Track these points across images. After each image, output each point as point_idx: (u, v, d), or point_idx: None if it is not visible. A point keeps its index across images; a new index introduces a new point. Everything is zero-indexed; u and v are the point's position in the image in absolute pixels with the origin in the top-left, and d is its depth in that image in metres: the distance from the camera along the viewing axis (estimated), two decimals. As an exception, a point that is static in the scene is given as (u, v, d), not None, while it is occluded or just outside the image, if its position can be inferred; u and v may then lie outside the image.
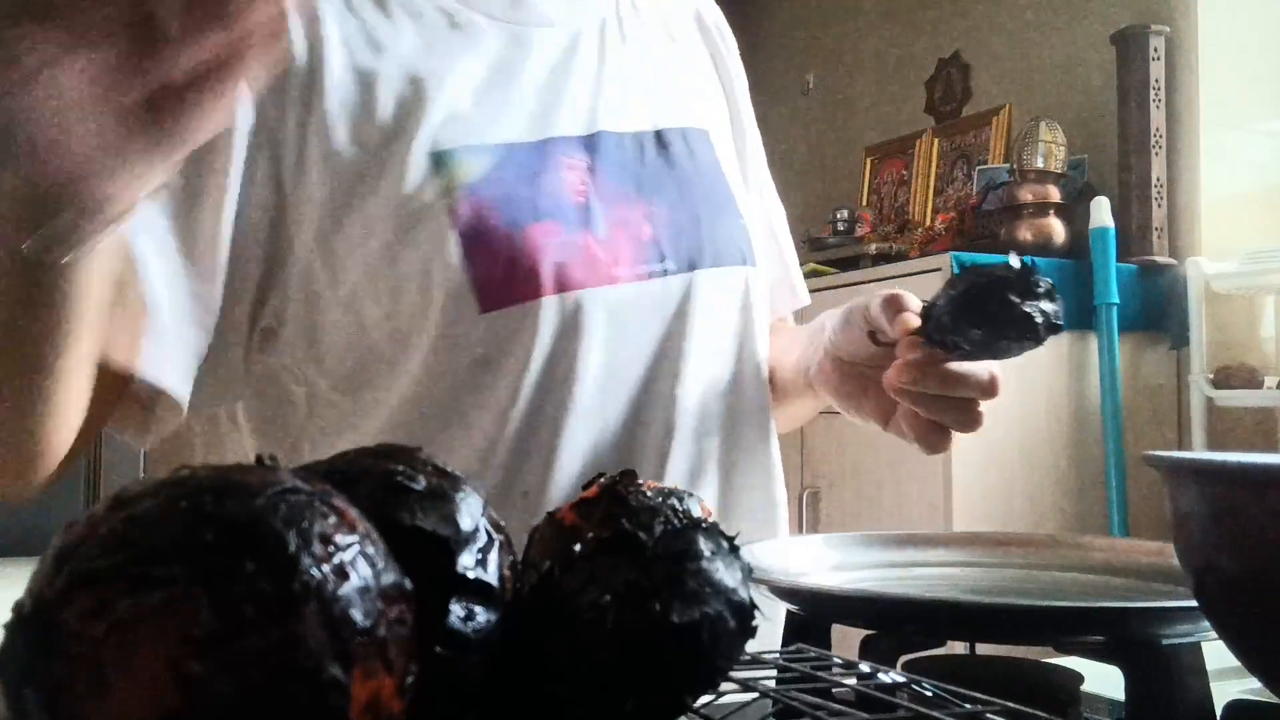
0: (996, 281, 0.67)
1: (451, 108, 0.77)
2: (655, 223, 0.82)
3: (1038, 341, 0.67)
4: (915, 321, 0.71)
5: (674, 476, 0.83)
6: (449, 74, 0.78)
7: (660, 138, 0.86)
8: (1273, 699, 0.47)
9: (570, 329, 0.78)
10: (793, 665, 0.48)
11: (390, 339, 0.76)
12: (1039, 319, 0.66)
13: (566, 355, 0.78)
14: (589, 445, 0.80)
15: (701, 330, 0.84)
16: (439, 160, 0.75)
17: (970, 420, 0.73)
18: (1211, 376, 2.46)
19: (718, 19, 1.00)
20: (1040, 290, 0.67)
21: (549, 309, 0.76)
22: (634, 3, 0.92)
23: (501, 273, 0.74)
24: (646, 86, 0.88)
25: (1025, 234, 2.66)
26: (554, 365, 0.77)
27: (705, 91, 0.95)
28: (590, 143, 0.82)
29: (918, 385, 0.72)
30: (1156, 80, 2.62)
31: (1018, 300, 0.66)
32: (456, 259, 0.74)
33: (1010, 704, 0.41)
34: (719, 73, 0.98)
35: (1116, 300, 2.47)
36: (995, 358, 0.71)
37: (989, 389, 0.72)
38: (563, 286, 0.77)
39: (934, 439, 0.74)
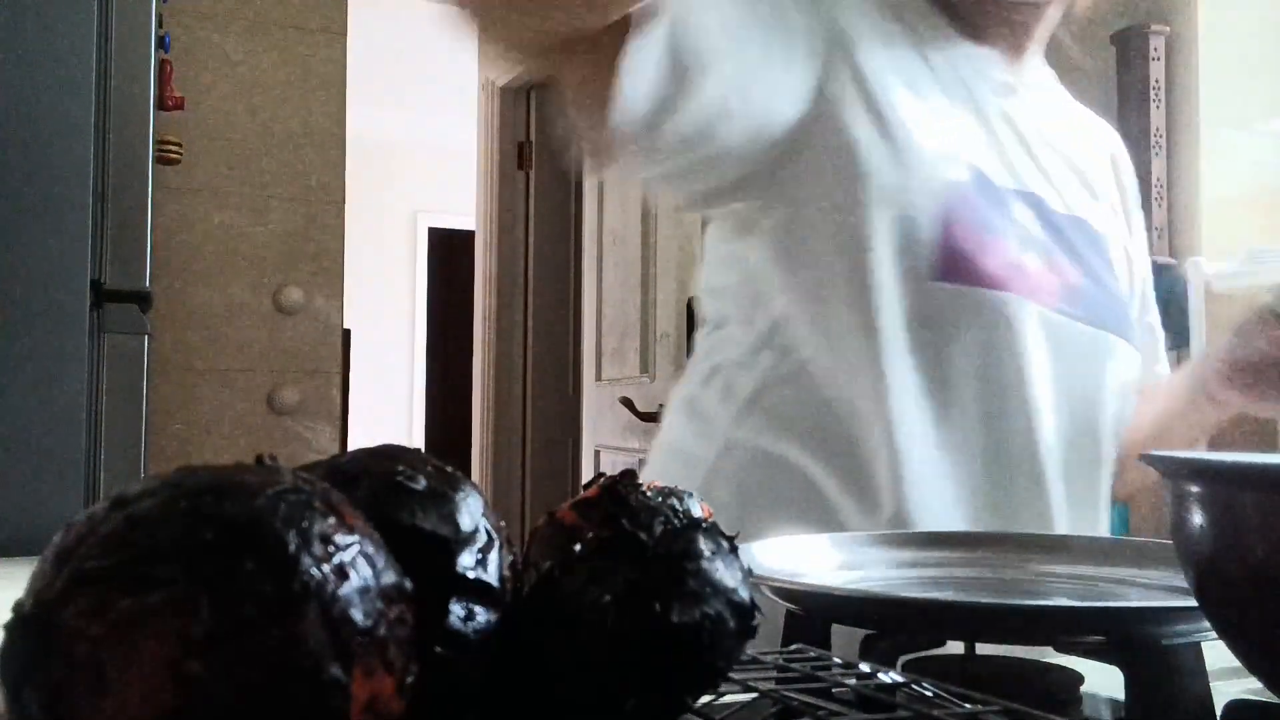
0: None
1: (947, 144, 0.92)
2: (1077, 279, 0.95)
3: None
4: None
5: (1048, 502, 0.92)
6: (951, 118, 0.96)
7: (1079, 223, 1.00)
8: (1273, 699, 0.47)
9: (1012, 329, 0.88)
10: (793, 665, 0.48)
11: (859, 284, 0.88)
12: None
13: (972, 345, 0.89)
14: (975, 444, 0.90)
15: (1077, 379, 0.94)
16: (944, 158, 0.91)
17: None
18: (1211, 376, 2.45)
19: (1123, 165, 1.18)
20: None
21: (995, 299, 0.88)
22: (1065, 116, 1.11)
23: (967, 253, 0.87)
24: (1070, 182, 1.02)
25: (1025, 234, 2.66)
26: (989, 354, 0.89)
27: (1106, 208, 1.08)
28: (1033, 202, 0.96)
29: None
30: (1156, 80, 2.62)
31: None
32: (938, 225, 0.87)
33: (1010, 704, 0.41)
34: (1122, 201, 1.13)
35: (1116, 300, 2.47)
36: None
37: None
38: (1015, 289, 0.89)
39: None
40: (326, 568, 0.30)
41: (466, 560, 0.37)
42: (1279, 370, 0.92)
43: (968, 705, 0.42)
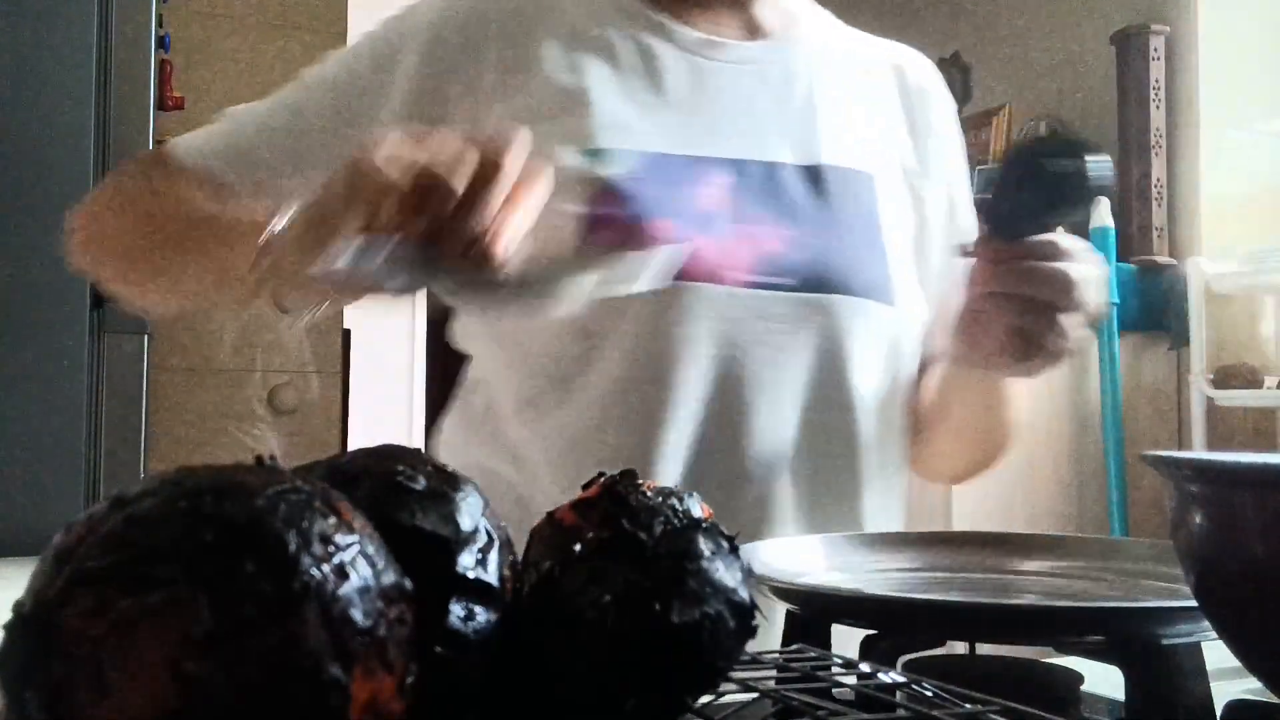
0: (1026, 151, 0.69)
1: (616, 118, 0.88)
2: (786, 243, 0.88)
3: (1083, 197, 0.68)
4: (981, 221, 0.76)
5: (751, 493, 0.86)
6: (622, 91, 0.90)
7: (817, 173, 0.92)
8: (1273, 699, 0.47)
9: (670, 317, 0.83)
10: (793, 665, 0.48)
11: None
12: (1082, 174, 0.66)
13: (663, 340, 0.84)
14: (689, 441, 0.85)
15: (809, 348, 0.88)
16: (592, 155, 0.85)
17: (1052, 325, 0.75)
18: (1211, 376, 2.46)
19: (923, 81, 1.05)
20: (1074, 145, 0.67)
21: (645, 292, 0.81)
22: (832, 52, 1.01)
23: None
24: (818, 127, 0.95)
25: (1025, 234, 2.66)
26: (652, 348, 0.83)
27: (884, 142, 0.99)
28: (739, 166, 0.89)
29: (994, 284, 0.75)
30: (1156, 80, 2.62)
31: (1052, 161, 0.67)
32: (577, 235, 0.82)
33: (1010, 704, 0.41)
34: (911, 132, 1.02)
35: (1117, 300, 2.47)
36: (1056, 225, 0.72)
37: (1064, 288, 0.74)
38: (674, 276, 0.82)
39: (1019, 348, 0.77)
40: (326, 568, 0.30)
41: (466, 560, 0.37)
42: (980, 315, 0.79)
43: (968, 705, 0.42)
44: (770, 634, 0.62)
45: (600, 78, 0.90)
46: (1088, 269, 0.76)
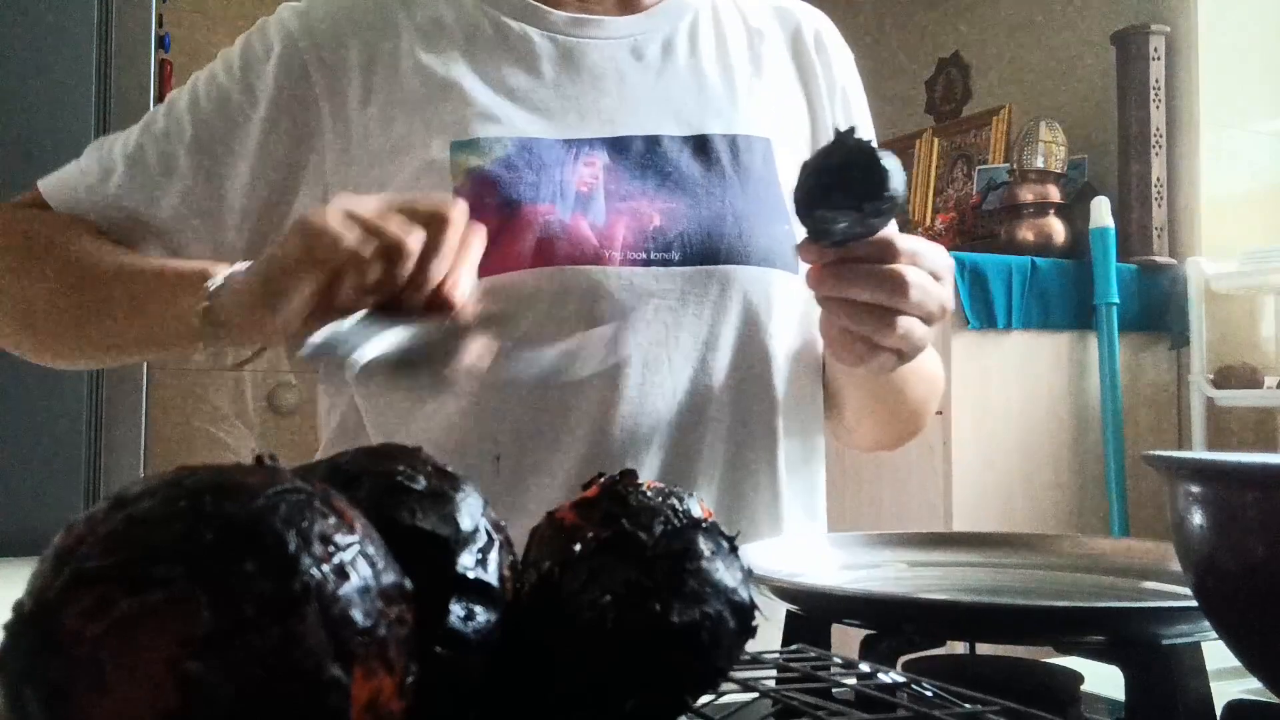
0: (821, 156, 0.69)
1: (481, 107, 0.86)
2: (669, 217, 0.85)
3: (884, 191, 0.67)
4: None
5: (656, 468, 0.84)
6: (482, 80, 0.88)
7: (704, 142, 0.89)
8: (1273, 699, 0.47)
9: (556, 302, 0.81)
10: (793, 665, 0.48)
11: None
12: (876, 164, 0.67)
13: (552, 325, 0.81)
14: (588, 423, 0.83)
15: (703, 322, 0.85)
16: (460, 146, 0.84)
17: (885, 327, 0.73)
18: (1211, 376, 2.46)
19: (820, 36, 1.01)
20: (862, 147, 0.68)
21: (529, 280, 0.81)
22: (715, 17, 0.97)
23: (489, 244, 0.75)
24: (704, 96, 0.92)
25: (1025, 234, 2.66)
26: (541, 335, 0.78)
27: (779, 104, 0.97)
28: (616, 144, 0.87)
29: (822, 289, 0.74)
30: (1156, 80, 2.62)
31: (846, 163, 0.68)
32: None
33: (1010, 704, 0.41)
34: (806, 89, 0.99)
35: (1116, 300, 2.47)
36: (867, 231, 0.71)
37: (897, 289, 0.72)
38: (545, 261, 0.81)
39: (859, 350, 0.75)
40: (326, 568, 0.30)
41: (466, 560, 0.37)
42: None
43: (968, 705, 0.42)
44: (770, 634, 0.62)
45: (468, 66, 0.89)
46: (928, 268, 0.74)
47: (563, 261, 0.82)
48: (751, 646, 0.42)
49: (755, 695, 0.44)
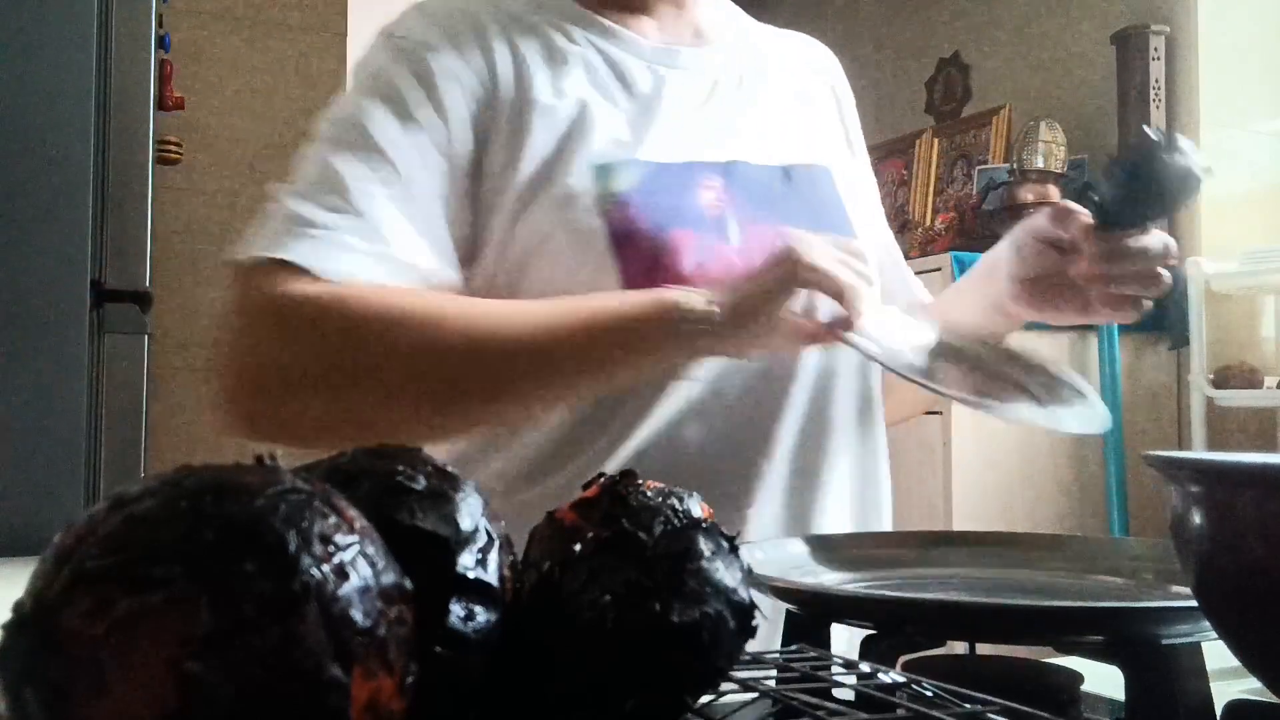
0: (1146, 155, 0.79)
1: (612, 132, 0.90)
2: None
3: (1195, 192, 0.80)
4: (1089, 219, 0.86)
5: (780, 481, 0.91)
6: (609, 109, 0.92)
7: (788, 173, 0.97)
8: (1273, 699, 0.47)
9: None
10: (793, 665, 0.48)
11: None
12: (1192, 172, 0.78)
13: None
14: (716, 437, 0.89)
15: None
16: (600, 171, 0.88)
17: (1156, 283, 0.88)
18: (1211, 376, 2.46)
19: (841, 86, 1.13)
20: (1182, 148, 0.78)
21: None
22: (767, 57, 1.05)
23: (647, 267, 0.85)
24: (777, 129, 1.00)
25: (1025, 234, 2.66)
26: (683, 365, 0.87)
27: (829, 140, 1.06)
28: (727, 169, 0.93)
29: (1112, 269, 0.87)
30: (1156, 80, 2.62)
31: (1169, 164, 0.78)
32: (609, 255, 0.85)
33: (1010, 704, 0.41)
34: (842, 122, 1.10)
35: (1116, 300, 2.47)
36: (1165, 217, 0.85)
37: (1169, 253, 0.87)
38: (705, 281, 0.85)
39: (1129, 310, 0.90)
40: (326, 568, 0.30)
41: (466, 560, 0.37)
42: (1062, 283, 0.91)
43: (968, 705, 0.42)
44: (770, 634, 0.62)
45: (593, 91, 0.92)
46: (1171, 266, 0.89)
47: (715, 282, 0.86)
48: (751, 646, 0.42)
49: (755, 695, 0.44)
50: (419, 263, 0.84)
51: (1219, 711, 0.51)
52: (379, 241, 0.83)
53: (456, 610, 0.36)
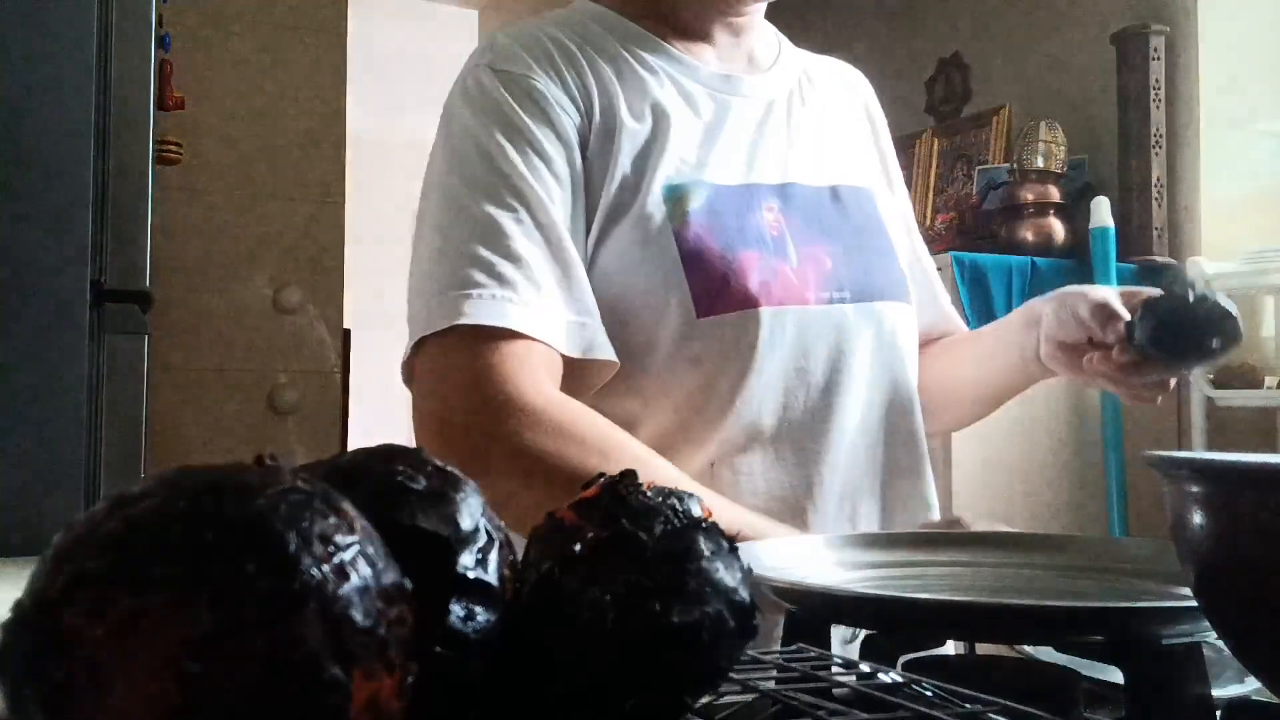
0: (1188, 314, 0.84)
1: (681, 154, 0.94)
2: (835, 259, 0.97)
3: (1217, 359, 0.85)
4: (1122, 329, 0.90)
5: (836, 494, 0.95)
6: (679, 131, 0.95)
7: (836, 193, 1.01)
8: (1273, 699, 0.47)
9: (776, 339, 0.91)
10: (793, 665, 0.48)
11: (627, 349, 0.89)
12: (1217, 345, 0.83)
13: (772, 361, 0.91)
14: (768, 450, 0.93)
15: (865, 351, 0.97)
16: (671, 191, 0.91)
17: (1145, 400, 0.96)
18: (1211, 376, 2.46)
19: (875, 109, 1.17)
20: (1220, 315, 0.82)
21: (766, 318, 0.90)
22: (810, 82, 1.09)
23: (717, 286, 0.89)
24: (824, 151, 1.04)
25: (1025, 234, 2.66)
26: (764, 370, 0.91)
27: (867, 161, 1.11)
28: (783, 191, 0.97)
29: (1116, 377, 0.93)
30: (1156, 80, 2.62)
31: (1203, 329, 0.82)
32: (679, 274, 0.89)
33: (1010, 704, 0.41)
34: (876, 145, 1.14)
35: (1116, 300, 2.47)
36: (1186, 369, 0.92)
37: (1165, 390, 0.95)
38: (767, 301, 0.91)
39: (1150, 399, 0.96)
40: (326, 568, 0.30)
41: (466, 560, 0.37)
42: (1094, 352, 0.94)
43: (968, 705, 0.42)
44: (770, 634, 0.62)
45: (660, 113, 0.95)
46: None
47: (778, 302, 0.91)
48: (751, 646, 0.42)
49: (755, 695, 0.44)
50: (583, 318, 0.87)
51: (1219, 712, 0.51)
52: (573, 307, 0.86)
53: (456, 610, 0.36)
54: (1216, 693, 0.51)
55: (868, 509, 0.98)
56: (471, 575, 0.37)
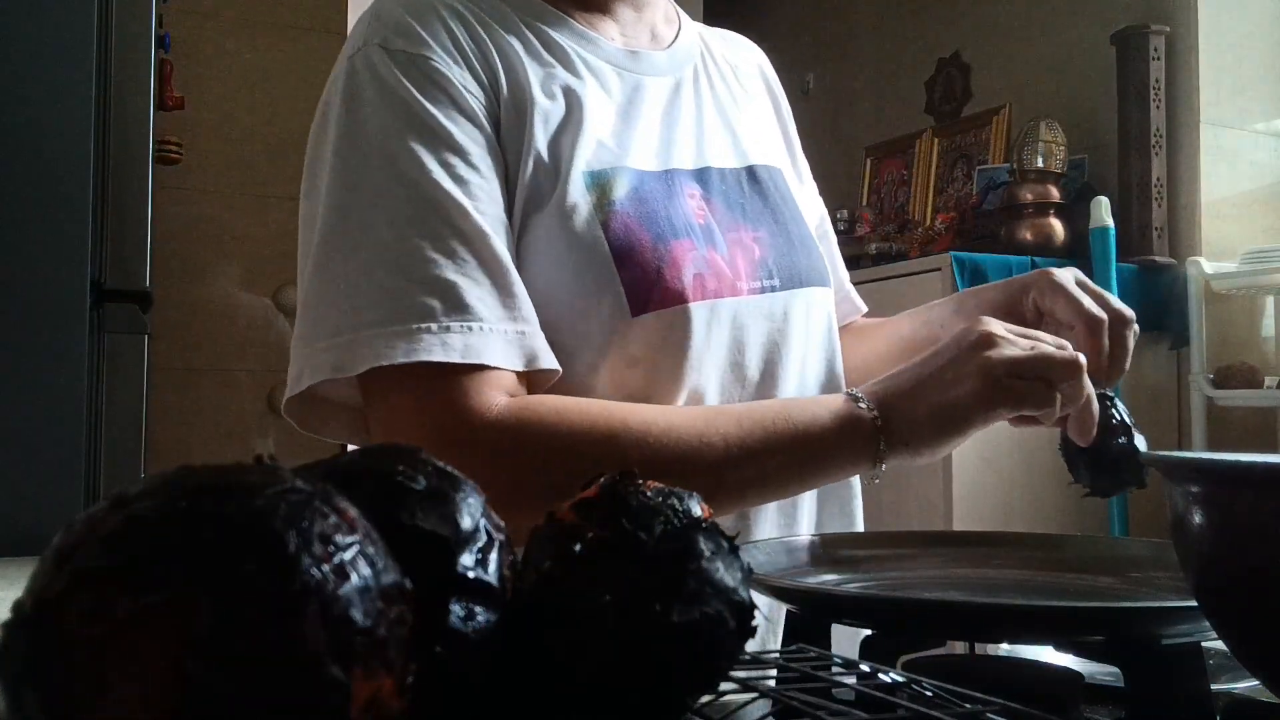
0: (1118, 446, 0.88)
1: (598, 136, 0.87)
2: (761, 245, 0.93)
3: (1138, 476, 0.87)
4: (1072, 311, 0.94)
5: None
6: (594, 112, 0.88)
7: (753, 174, 0.96)
8: (1273, 699, 0.47)
9: (714, 333, 0.86)
10: (793, 665, 0.48)
11: (559, 350, 0.82)
12: (1133, 481, 0.87)
13: (709, 356, 0.87)
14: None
15: (799, 341, 0.94)
16: (594, 178, 0.84)
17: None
18: (1211, 376, 2.46)
19: (773, 80, 1.12)
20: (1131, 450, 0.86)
21: (702, 312, 0.85)
22: (712, 57, 1.03)
23: (651, 281, 0.83)
24: (734, 130, 0.98)
25: (1025, 234, 2.66)
26: (703, 366, 0.86)
27: (773, 135, 1.06)
28: (701, 176, 0.92)
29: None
30: (1156, 80, 2.62)
31: (1119, 470, 0.87)
32: (610, 268, 0.82)
33: (1010, 704, 0.41)
34: (779, 120, 1.10)
35: (1116, 300, 2.47)
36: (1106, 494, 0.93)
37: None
38: (702, 294, 0.85)
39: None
40: (326, 568, 0.30)
41: (466, 560, 0.37)
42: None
43: (968, 705, 0.42)
44: (770, 634, 0.62)
45: (572, 91, 0.88)
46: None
47: (713, 295, 0.86)
48: (751, 646, 0.42)
49: (755, 695, 0.44)
50: (522, 326, 0.80)
51: (1219, 712, 0.51)
52: (511, 318, 0.79)
53: (456, 610, 0.36)
54: (1216, 691, 0.51)
55: (807, 498, 0.96)
56: (471, 575, 0.37)
